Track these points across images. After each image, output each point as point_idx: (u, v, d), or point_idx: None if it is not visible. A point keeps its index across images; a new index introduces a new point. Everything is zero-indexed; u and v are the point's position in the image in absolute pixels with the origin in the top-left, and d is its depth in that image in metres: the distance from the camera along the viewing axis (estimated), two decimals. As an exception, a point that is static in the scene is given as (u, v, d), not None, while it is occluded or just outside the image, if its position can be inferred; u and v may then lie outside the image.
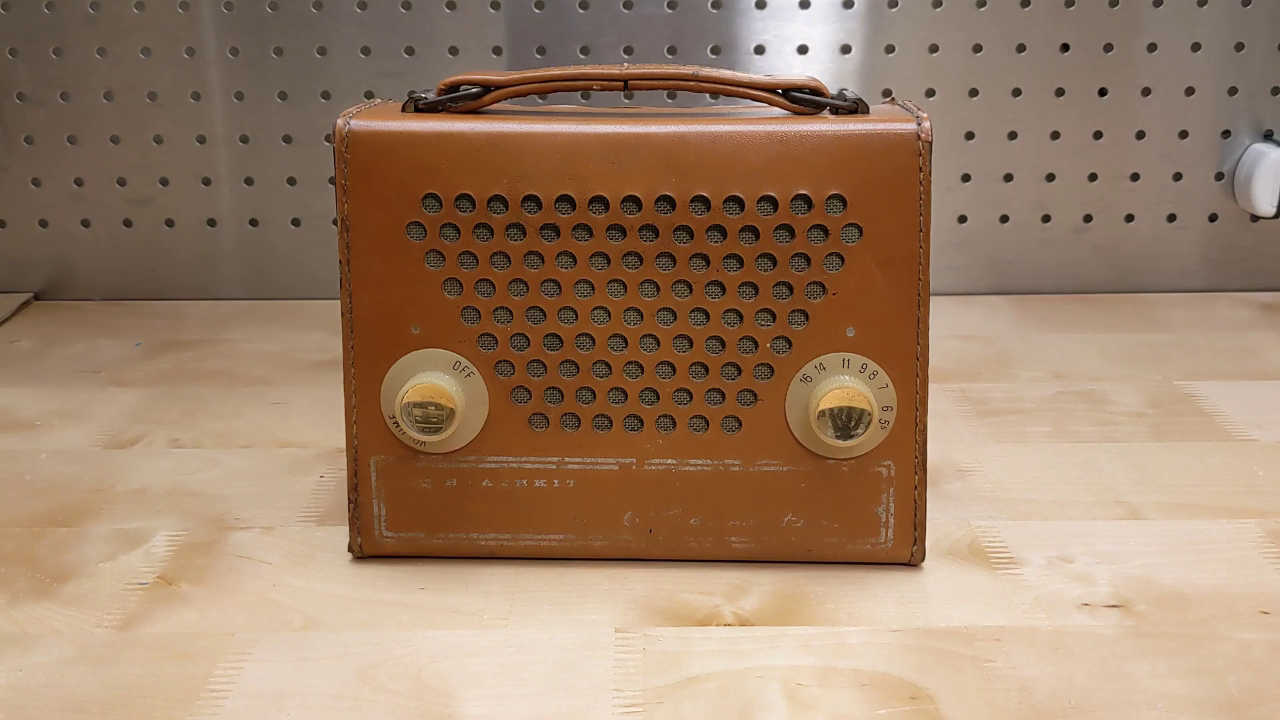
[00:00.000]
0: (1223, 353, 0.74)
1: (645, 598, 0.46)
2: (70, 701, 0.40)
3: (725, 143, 0.44)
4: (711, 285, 0.45)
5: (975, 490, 0.55)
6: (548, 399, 0.47)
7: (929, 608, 0.45)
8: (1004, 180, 0.85)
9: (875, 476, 0.47)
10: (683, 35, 0.82)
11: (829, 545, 0.47)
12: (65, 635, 0.44)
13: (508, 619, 0.45)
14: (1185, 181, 0.85)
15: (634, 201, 0.44)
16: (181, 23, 0.81)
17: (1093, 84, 0.83)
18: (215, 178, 0.85)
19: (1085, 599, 0.46)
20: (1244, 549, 0.49)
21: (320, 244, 0.85)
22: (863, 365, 0.45)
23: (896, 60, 0.83)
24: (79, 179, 0.85)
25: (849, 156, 0.44)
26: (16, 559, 0.49)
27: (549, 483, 0.47)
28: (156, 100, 0.83)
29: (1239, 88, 0.83)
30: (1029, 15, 0.82)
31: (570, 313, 0.46)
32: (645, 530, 0.47)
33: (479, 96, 0.46)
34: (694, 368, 0.46)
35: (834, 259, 0.45)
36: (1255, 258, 0.87)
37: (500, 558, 0.48)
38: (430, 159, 0.44)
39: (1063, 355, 0.74)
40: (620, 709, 0.39)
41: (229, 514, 0.53)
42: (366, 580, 0.47)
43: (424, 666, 0.42)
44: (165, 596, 0.46)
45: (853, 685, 0.40)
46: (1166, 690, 0.40)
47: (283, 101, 0.83)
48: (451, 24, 0.82)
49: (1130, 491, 0.55)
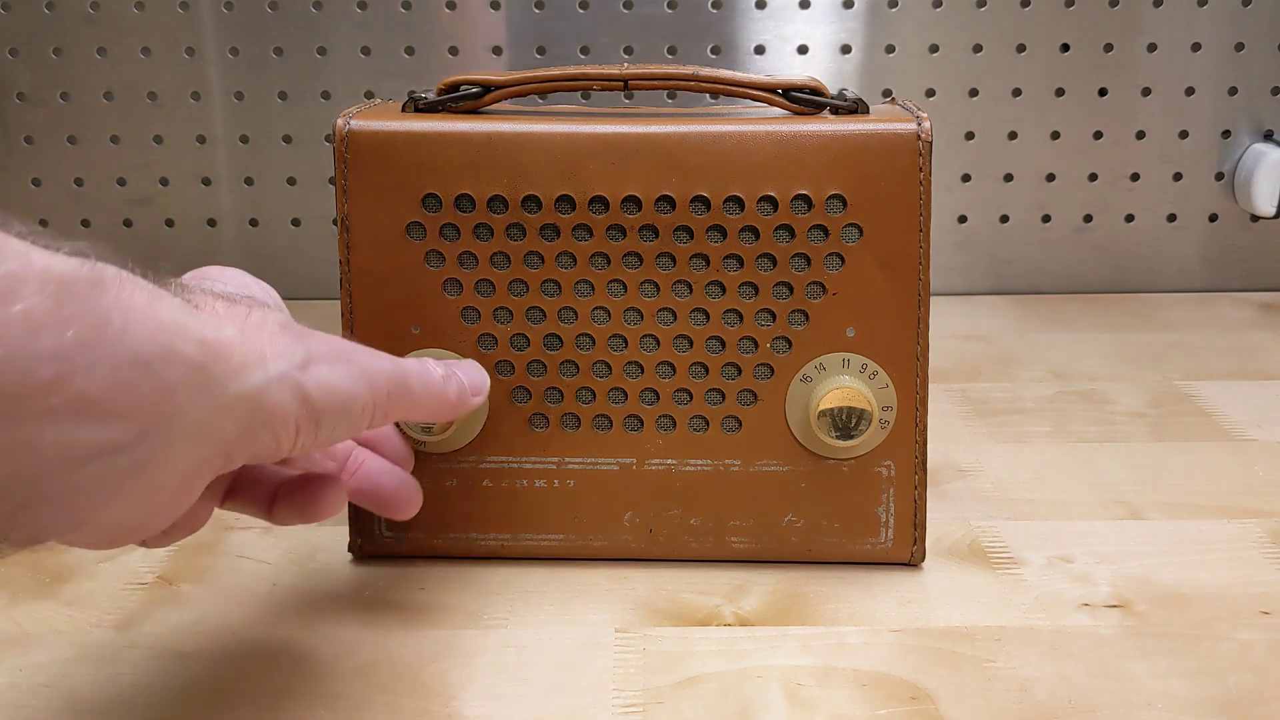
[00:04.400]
0: (1223, 353, 0.74)
1: (645, 598, 0.46)
2: (70, 701, 0.40)
3: (725, 143, 0.44)
4: (711, 285, 0.45)
5: (975, 490, 0.55)
6: (548, 399, 0.47)
7: (929, 608, 0.45)
8: (1004, 180, 0.85)
9: (875, 476, 0.47)
10: (683, 35, 0.82)
11: (829, 545, 0.47)
12: (65, 635, 0.44)
13: (508, 619, 0.45)
14: (1185, 181, 0.85)
15: (634, 201, 0.44)
16: (181, 23, 0.81)
17: (1093, 84, 0.83)
18: (215, 178, 0.85)
19: (1085, 599, 0.46)
20: (1244, 549, 0.49)
21: (320, 244, 0.85)
22: (863, 365, 0.45)
23: (896, 60, 0.83)
24: (79, 179, 0.85)
25: (849, 156, 0.44)
26: (16, 559, 0.49)
27: (549, 483, 0.47)
28: (156, 100, 0.83)
29: (1239, 88, 0.83)
30: (1029, 15, 0.82)
31: (570, 313, 0.46)
32: (645, 530, 0.47)
33: (479, 96, 0.46)
34: (694, 368, 0.46)
35: (834, 259, 0.45)
36: (1255, 258, 0.87)
37: (500, 558, 0.48)
38: (430, 159, 0.44)
39: (1063, 355, 0.74)
40: (620, 709, 0.39)
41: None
42: (366, 580, 0.47)
43: (424, 666, 0.42)
44: (165, 596, 0.46)
45: (853, 685, 0.40)
46: (1167, 690, 0.40)
47: (283, 101, 0.83)
48: (451, 24, 0.82)
49: (1130, 491, 0.55)
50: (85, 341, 0.26)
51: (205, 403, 0.29)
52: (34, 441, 0.26)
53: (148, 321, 0.28)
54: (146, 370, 0.28)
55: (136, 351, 0.27)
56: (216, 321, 0.31)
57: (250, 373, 0.31)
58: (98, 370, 0.27)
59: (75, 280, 0.27)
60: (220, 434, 0.31)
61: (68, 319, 0.26)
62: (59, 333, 0.26)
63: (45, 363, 0.26)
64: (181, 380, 0.29)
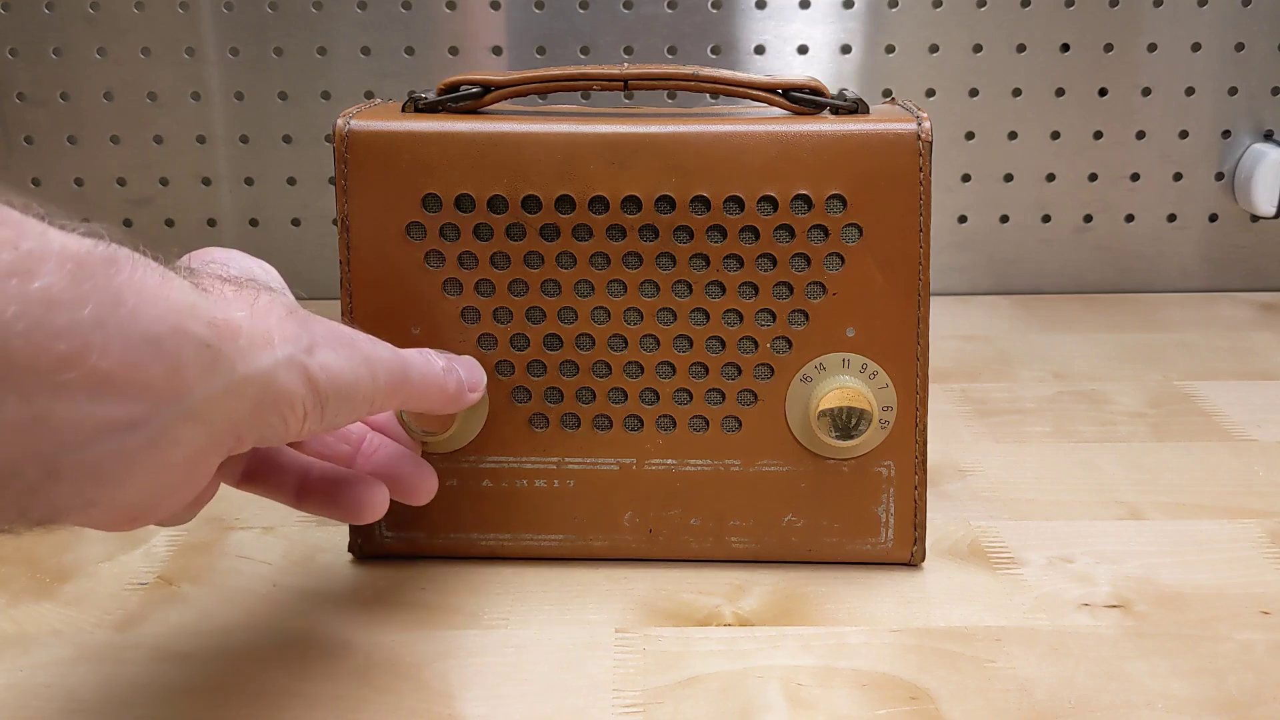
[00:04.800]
0: (1223, 353, 0.74)
1: (645, 598, 0.46)
2: (70, 701, 0.40)
3: (725, 143, 0.44)
4: (711, 285, 0.45)
5: (975, 490, 0.55)
6: (548, 399, 0.47)
7: (929, 608, 0.45)
8: (1004, 180, 0.85)
9: (875, 476, 0.47)
10: (683, 35, 0.82)
11: (829, 545, 0.47)
12: (65, 635, 0.44)
13: (508, 619, 0.45)
14: (1185, 181, 0.85)
15: (634, 202, 0.44)
16: (181, 23, 0.81)
17: (1093, 84, 0.83)
18: (215, 178, 0.85)
19: (1085, 599, 0.46)
20: (1244, 549, 0.49)
21: (320, 244, 0.85)
22: (863, 365, 0.45)
23: (896, 60, 0.83)
24: (79, 179, 0.85)
25: (849, 156, 0.44)
26: (16, 559, 0.49)
27: (549, 483, 0.47)
28: (156, 100, 0.83)
29: (1239, 88, 0.83)
30: (1029, 15, 0.82)
31: (570, 313, 0.46)
32: (645, 530, 0.47)
33: (479, 96, 0.46)
34: (694, 368, 0.46)
35: (834, 259, 0.45)
36: (1255, 258, 0.87)
37: (500, 558, 0.48)
38: (430, 159, 0.44)
39: (1063, 355, 0.74)
40: (620, 709, 0.39)
41: (229, 514, 0.53)
42: (366, 580, 0.47)
43: (424, 666, 0.42)
44: (165, 596, 0.46)
45: (853, 685, 0.40)
46: (1167, 690, 0.40)
47: (283, 101, 0.83)
48: (451, 24, 0.82)
49: (1130, 491, 0.55)
50: (100, 319, 0.27)
51: (215, 382, 0.30)
52: (47, 416, 0.26)
53: (159, 302, 0.28)
54: (157, 349, 0.28)
55: (148, 330, 0.28)
56: (225, 304, 0.32)
57: (258, 355, 0.31)
58: (111, 348, 0.27)
59: (90, 259, 0.27)
60: (230, 414, 0.31)
61: (84, 296, 0.27)
62: (75, 310, 0.26)
63: (61, 339, 0.26)
64: (192, 360, 0.29)
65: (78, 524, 0.31)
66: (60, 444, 0.27)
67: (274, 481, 0.42)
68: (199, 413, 0.30)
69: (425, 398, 0.40)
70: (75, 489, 0.28)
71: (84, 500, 0.29)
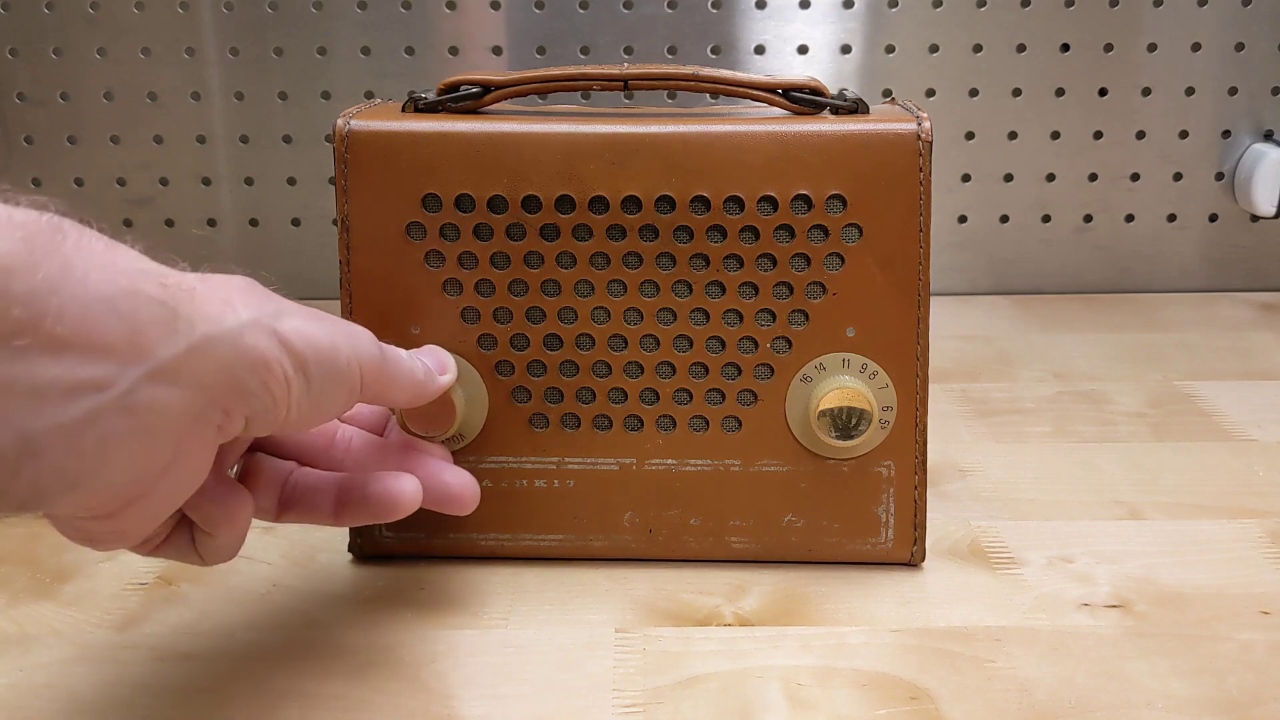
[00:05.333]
0: (1223, 353, 0.74)
1: (645, 598, 0.46)
2: (70, 701, 0.40)
3: (725, 143, 0.44)
4: (711, 285, 0.45)
5: (975, 490, 0.55)
6: (548, 399, 0.47)
7: (929, 608, 0.45)
8: (1004, 180, 0.85)
9: (875, 476, 0.47)
10: (683, 35, 0.82)
11: (829, 545, 0.47)
12: (65, 635, 0.44)
13: (508, 619, 0.45)
14: (1185, 181, 0.85)
15: (634, 202, 0.44)
16: (181, 23, 0.81)
17: (1093, 84, 0.83)
18: (215, 178, 0.85)
19: (1085, 599, 0.46)
20: (1244, 549, 0.49)
21: (320, 244, 0.85)
22: (863, 365, 0.45)
23: (896, 60, 0.83)
24: (79, 179, 0.85)
25: (849, 156, 0.44)
26: (16, 559, 0.49)
27: (549, 483, 0.47)
28: (156, 100, 0.83)
29: (1239, 88, 0.83)
30: (1029, 15, 0.82)
31: (570, 313, 0.46)
32: (645, 530, 0.47)
33: (479, 96, 0.46)
34: (694, 368, 0.46)
35: (834, 259, 0.45)
36: (1255, 258, 0.87)
37: (500, 558, 0.48)
38: (430, 159, 0.44)
39: (1063, 355, 0.74)
40: (620, 709, 0.39)
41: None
42: (366, 580, 0.47)
43: (424, 666, 0.42)
44: (165, 596, 0.46)
45: (853, 685, 0.40)
46: (1167, 690, 0.40)
47: (283, 101, 0.83)
48: (451, 24, 0.82)
49: (1130, 491, 0.55)
50: (53, 284, 0.28)
51: (177, 340, 0.30)
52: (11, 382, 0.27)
53: (108, 266, 0.29)
54: (113, 309, 0.29)
55: (101, 292, 0.29)
56: (175, 272, 0.32)
57: (221, 317, 0.32)
58: (67, 311, 0.28)
59: (37, 227, 0.28)
60: (201, 377, 0.31)
61: (36, 264, 0.28)
62: (30, 275, 0.27)
63: (18, 304, 0.27)
64: (149, 319, 0.30)
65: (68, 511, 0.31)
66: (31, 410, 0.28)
67: (309, 503, 0.42)
68: (167, 373, 0.30)
69: (399, 384, 0.40)
70: (56, 466, 0.29)
71: (67, 480, 0.29)
